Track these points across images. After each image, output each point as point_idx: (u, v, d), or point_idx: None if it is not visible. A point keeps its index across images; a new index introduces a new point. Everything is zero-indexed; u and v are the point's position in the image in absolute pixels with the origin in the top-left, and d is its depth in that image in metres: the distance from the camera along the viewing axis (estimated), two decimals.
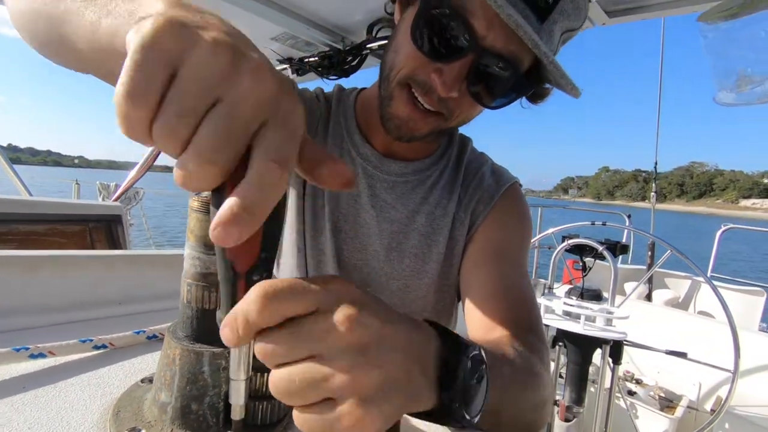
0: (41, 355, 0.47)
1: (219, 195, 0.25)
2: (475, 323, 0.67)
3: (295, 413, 0.28)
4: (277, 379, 0.28)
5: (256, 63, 0.25)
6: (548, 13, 0.54)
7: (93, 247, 1.70)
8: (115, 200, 2.57)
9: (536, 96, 0.67)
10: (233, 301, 0.27)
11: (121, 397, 0.42)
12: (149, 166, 2.41)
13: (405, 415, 0.37)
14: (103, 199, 3.06)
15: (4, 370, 0.45)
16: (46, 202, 1.65)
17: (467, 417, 0.34)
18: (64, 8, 0.35)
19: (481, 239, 0.76)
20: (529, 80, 0.60)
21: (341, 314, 0.27)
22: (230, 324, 0.26)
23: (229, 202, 0.24)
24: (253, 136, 0.25)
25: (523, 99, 0.66)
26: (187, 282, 0.39)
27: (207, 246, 0.38)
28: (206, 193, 0.37)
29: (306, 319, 0.28)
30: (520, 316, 0.64)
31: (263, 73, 0.25)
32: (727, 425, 2.06)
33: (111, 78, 0.44)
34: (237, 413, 0.33)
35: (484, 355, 0.36)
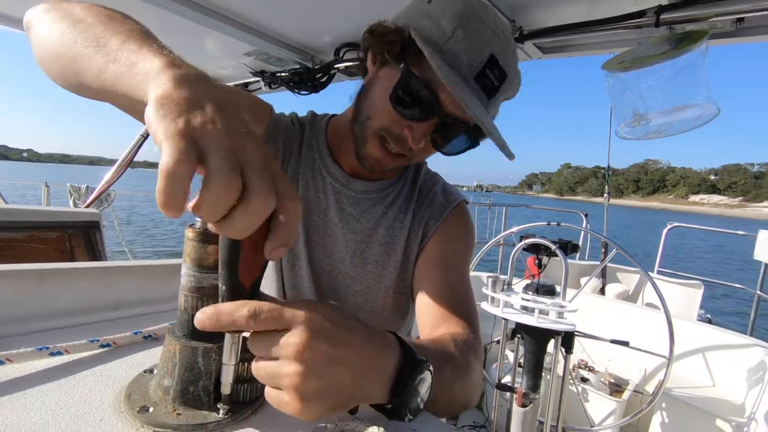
0: (59, 353, 0.57)
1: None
2: (424, 321, 0.79)
3: (266, 389, 0.42)
4: (254, 366, 0.42)
5: (250, 131, 0.36)
6: (495, 92, 0.70)
7: (72, 253, 1.74)
8: (88, 205, 2.58)
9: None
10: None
11: (130, 384, 0.52)
12: (124, 169, 2.44)
13: None
14: (74, 203, 3.04)
15: (30, 366, 0.54)
16: (24, 210, 1.68)
17: (410, 416, 0.46)
18: (75, 52, 0.44)
19: (431, 249, 0.88)
20: (478, 134, 0.74)
21: (298, 338, 0.39)
22: (210, 317, 0.39)
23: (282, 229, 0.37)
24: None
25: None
26: (184, 293, 0.50)
27: (200, 266, 0.48)
28: (199, 225, 0.48)
29: (278, 333, 0.40)
30: (461, 316, 0.76)
31: (256, 137, 0.37)
32: (664, 405, 2.27)
33: (123, 108, 0.53)
34: (226, 389, 0.45)
35: (431, 367, 0.48)
